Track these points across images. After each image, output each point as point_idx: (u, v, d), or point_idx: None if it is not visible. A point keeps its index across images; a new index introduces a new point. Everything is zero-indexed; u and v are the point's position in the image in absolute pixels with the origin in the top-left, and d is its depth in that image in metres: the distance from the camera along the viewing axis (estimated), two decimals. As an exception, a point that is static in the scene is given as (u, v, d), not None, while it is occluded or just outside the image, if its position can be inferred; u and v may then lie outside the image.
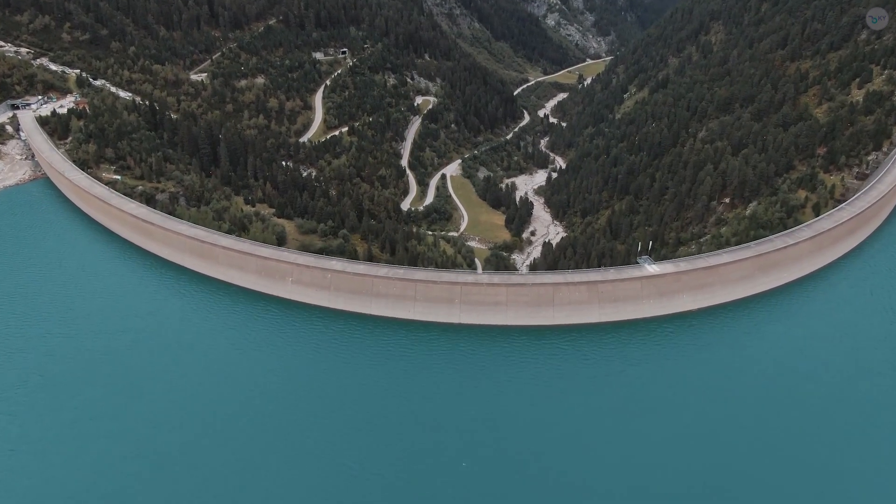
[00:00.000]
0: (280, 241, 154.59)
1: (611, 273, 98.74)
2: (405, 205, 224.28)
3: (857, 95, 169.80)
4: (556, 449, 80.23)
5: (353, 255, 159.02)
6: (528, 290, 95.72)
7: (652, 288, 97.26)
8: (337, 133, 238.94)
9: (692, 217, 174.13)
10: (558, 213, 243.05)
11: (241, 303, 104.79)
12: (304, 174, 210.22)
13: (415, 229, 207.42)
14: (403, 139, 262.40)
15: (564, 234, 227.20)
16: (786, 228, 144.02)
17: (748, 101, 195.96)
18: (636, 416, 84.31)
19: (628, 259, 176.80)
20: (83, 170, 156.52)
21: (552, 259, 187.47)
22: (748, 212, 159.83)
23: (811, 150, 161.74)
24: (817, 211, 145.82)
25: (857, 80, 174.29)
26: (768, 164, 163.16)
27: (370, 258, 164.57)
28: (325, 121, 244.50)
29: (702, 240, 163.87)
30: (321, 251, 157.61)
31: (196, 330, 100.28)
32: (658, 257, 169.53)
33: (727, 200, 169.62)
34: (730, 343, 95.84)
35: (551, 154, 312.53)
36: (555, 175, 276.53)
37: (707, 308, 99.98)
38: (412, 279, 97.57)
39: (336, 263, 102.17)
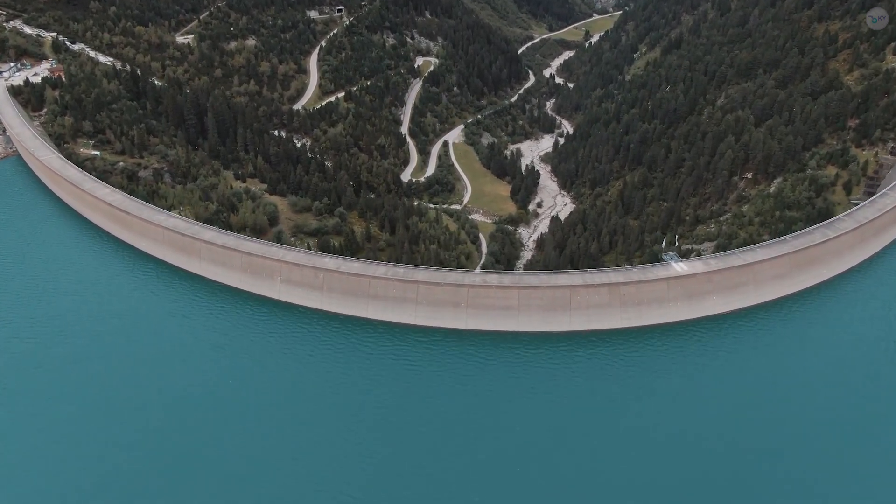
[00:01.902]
0: (272, 221, 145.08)
1: (634, 273, 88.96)
2: (405, 176, 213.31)
3: (893, 61, 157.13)
4: (576, 471, 72.10)
5: (350, 236, 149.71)
6: (543, 292, 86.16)
7: (679, 289, 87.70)
8: (333, 99, 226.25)
9: (711, 193, 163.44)
10: (566, 182, 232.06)
11: (225, 303, 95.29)
12: (299, 144, 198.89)
13: (416, 203, 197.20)
14: (403, 104, 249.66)
15: (573, 206, 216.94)
16: (815, 209, 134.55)
17: (772, 67, 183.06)
18: (664, 436, 75.76)
19: (642, 237, 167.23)
20: (59, 146, 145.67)
21: (561, 236, 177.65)
22: (772, 189, 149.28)
23: (842, 122, 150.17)
24: (848, 189, 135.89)
25: (893, 44, 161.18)
26: (795, 136, 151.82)
27: (368, 238, 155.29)
28: (320, 86, 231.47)
29: (722, 218, 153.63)
30: (316, 231, 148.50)
31: (176, 334, 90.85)
32: (675, 236, 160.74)
33: (749, 176, 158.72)
34: (766, 351, 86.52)
35: (558, 117, 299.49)
36: (562, 141, 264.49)
37: (738, 310, 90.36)
38: (413, 280, 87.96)
39: (329, 262, 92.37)
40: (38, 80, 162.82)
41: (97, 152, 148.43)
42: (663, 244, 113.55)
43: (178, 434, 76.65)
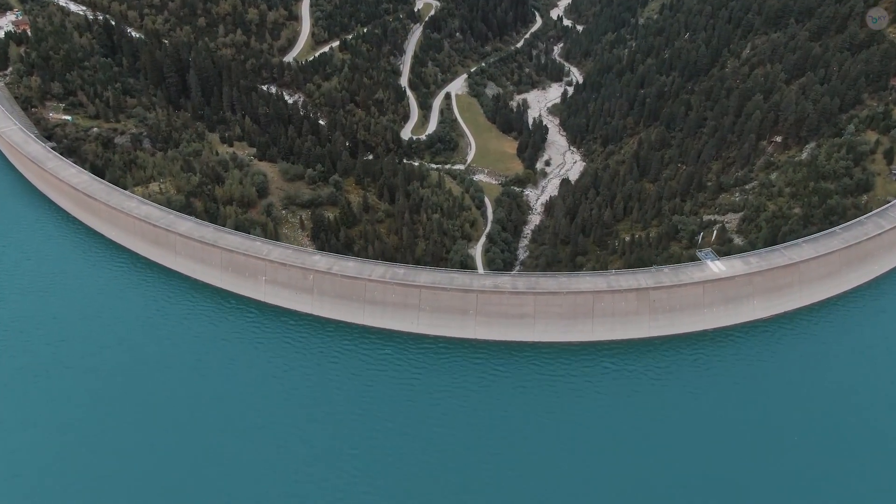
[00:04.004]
0: (261, 192, 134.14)
1: (665, 276, 78.50)
2: (405, 133, 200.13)
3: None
4: (600, 498, 64.27)
5: (346, 207, 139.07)
6: (562, 299, 76.17)
7: (716, 293, 77.61)
8: (327, 49, 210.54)
9: (736, 157, 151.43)
10: (575, 138, 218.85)
11: (205, 304, 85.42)
12: (290, 101, 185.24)
13: (417, 163, 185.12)
14: (402, 53, 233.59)
15: (583, 164, 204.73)
16: (852, 179, 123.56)
17: (805, 16, 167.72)
18: (701, 458, 67.84)
19: (659, 204, 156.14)
20: (26, 110, 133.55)
21: (572, 202, 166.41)
22: (804, 155, 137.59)
23: (884, 82, 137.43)
24: (890, 158, 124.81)
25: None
26: (831, 97, 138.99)
27: (366, 208, 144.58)
28: (312, 34, 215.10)
29: (748, 187, 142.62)
30: (310, 203, 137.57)
31: (150, 340, 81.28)
32: (695, 204, 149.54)
33: (779, 139, 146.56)
34: (812, 362, 77.30)
35: (566, 64, 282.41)
36: (570, 91, 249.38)
37: (781, 315, 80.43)
38: (415, 284, 77.82)
39: (320, 261, 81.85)
40: (1, 34, 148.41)
41: (69, 117, 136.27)
42: (698, 241, 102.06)
43: (154, 454, 68.59)
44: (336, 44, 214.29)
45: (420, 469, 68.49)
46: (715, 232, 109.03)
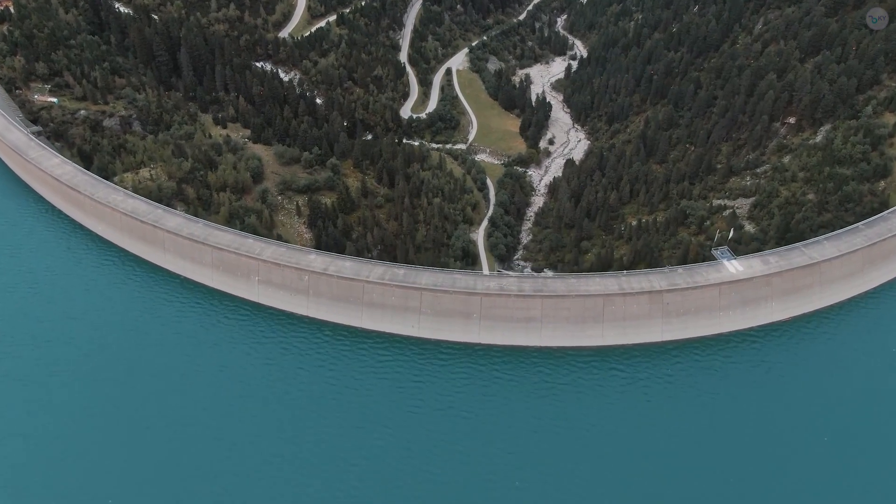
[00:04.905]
0: (256, 177, 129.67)
1: (679, 277, 74.55)
2: (405, 111, 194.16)
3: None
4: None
5: (344, 193, 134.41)
6: (571, 302, 72.39)
7: (733, 296, 73.79)
8: (323, 24, 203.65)
9: (747, 139, 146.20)
10: (580, 115, 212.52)
11: (195, 304, 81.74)
12: (286, 78, 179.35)
13: (417, 143, 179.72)
14: (402, 26, 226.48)
15: (587, 143, 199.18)
16: (869, 165, 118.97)
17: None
18: (715, 467, 65.07)
19: (667, 187, 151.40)
20: (10, 92, 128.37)
21: (577, 184, 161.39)
22: (819, 138, 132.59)
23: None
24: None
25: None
26: (848, 76, 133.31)
27: (365, 193, 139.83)
28: (308, 8, 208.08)
29: (759, 170, 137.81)
30: (306, 188, 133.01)
31: (138, 342, 77.92)
32: (704, 188, 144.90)
33: (792, 121, 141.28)
34: (832, 365, 73.74)
35: (570, 37, 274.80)
36: (574, 65, 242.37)
37: (800, 316, 76.69)
38: (416, 286, 73.94)
39: (315, 260, 77.81)
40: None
41: (55, 99, 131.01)
42: (715, 237, 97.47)
43: (143, 463, 66.03)
44: (333, 18, 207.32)
45: (421, 479, 65.60)
46: (733, 231, 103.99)
